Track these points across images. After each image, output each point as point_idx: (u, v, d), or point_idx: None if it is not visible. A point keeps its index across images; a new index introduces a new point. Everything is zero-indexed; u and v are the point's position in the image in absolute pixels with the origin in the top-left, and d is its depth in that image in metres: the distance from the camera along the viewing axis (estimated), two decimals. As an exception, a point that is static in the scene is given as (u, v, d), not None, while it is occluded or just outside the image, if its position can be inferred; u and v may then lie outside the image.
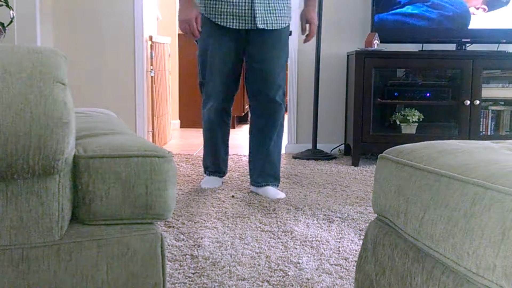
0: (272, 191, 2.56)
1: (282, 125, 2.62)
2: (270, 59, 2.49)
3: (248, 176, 3.08)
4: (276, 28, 2.47)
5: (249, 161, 2.67)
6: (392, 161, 1.02)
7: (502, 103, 3.56)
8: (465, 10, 3.51)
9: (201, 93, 2.64)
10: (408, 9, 3.53)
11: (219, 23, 2.44)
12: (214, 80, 2.53)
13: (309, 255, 1.75)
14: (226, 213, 2.25)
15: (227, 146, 2.78)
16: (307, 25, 2.62)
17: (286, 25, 2.53)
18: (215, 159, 2.74)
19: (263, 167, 2.59)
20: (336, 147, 3.92)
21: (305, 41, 2.62)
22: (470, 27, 3.52)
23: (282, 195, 2.55)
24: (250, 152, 2.67)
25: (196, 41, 2.56)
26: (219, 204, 2.39)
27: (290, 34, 2.71)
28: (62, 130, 0.84)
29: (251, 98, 2.59)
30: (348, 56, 3.80)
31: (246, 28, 2.45)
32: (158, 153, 0.98)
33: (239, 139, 4.65)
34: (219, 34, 2.46)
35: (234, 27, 2.44)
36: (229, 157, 3.04)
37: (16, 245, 0.90)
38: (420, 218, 0.86)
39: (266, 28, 2.45)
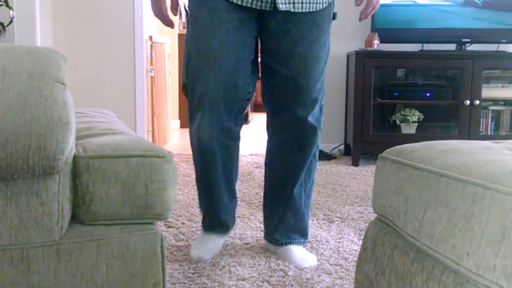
0: (298, 254, 1.68)
1: (315, 158, 1.74)
2: (301, 60, 1.57)
3: (248, 177, 3.05)
4: (308, 10, 1.55)
5: (264, 204, 1.79)
6: (392, 161, 1.02)
7: (502, 103, 3.56)
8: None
9: (189, 105, 1.65)
10: (408, 8, 3.53)
11: None
12: (207, 75, 1.54)
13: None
14: (226, 213, 2.25)
15: (232, 189, 1.74)
16: None
17: (326, 4, 1.58)
18: (213, 206, 1.72)
19: (284, 218, 1.72)
20: (336, 147, 3.92)
21: (362, 16, 1.66)
22: (470, 27, 3.53)
23: (313, 260, 1.67)
24: (266, 192, 1.77)
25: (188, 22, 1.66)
26: (219, 204, 2.39)
27: (334, 17, 1.65)
28: (62, 130, 0.84)
29: (269, 114, 1.70)
30: (348, 56, 3.80)
31: (261, 8, 1.52)
32: (158, 153, 0.98)
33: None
34: (217, 9, 1.53)
35: (245, 4, 1.52)
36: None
37: (16, 245, 0.90)
38: (420, 218, 0.86)
39: (292, 10, 1.52)
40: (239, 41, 1.54)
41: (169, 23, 1.62)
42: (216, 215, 1.72)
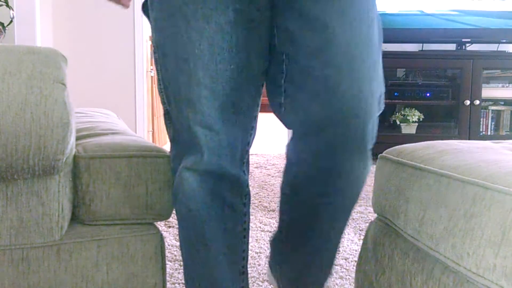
0: None
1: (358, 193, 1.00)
2: (344, 49, 0.89)
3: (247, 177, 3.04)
4: None
5: (278, 240, 1.13)
6: (392, 161, 1.02)
7: (502, 103, 3.56)
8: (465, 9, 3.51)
9: (172, 144, 0.98)
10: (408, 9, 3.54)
11: None
12: (195, 101, 0.91)
13: (309, 255, 1.75)
14: (226, 213, 2.24)
15: (243, 272, 1.03)
16: None
17: None
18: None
19: (309, 273, 1.09)
20: (336, 147, 3.91)
21: None
22: (470, 27, 3.53)
23: None
24: (282, 230, 1.08)
25: (147, 15, 0.97)
26: (219, 204, 2.39)
27: None
28: (62, 130, 0.84)
29: (294, 135, 0.96)
30: (348, 56, 3.80)
31: None
32: (158, 153, 0.98)
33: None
34: None
35: None
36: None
37: (16, 245, 0.90)
38: (420, 218, 0.86)
39: None
40: (240, 42, 0.92)
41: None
42: None
